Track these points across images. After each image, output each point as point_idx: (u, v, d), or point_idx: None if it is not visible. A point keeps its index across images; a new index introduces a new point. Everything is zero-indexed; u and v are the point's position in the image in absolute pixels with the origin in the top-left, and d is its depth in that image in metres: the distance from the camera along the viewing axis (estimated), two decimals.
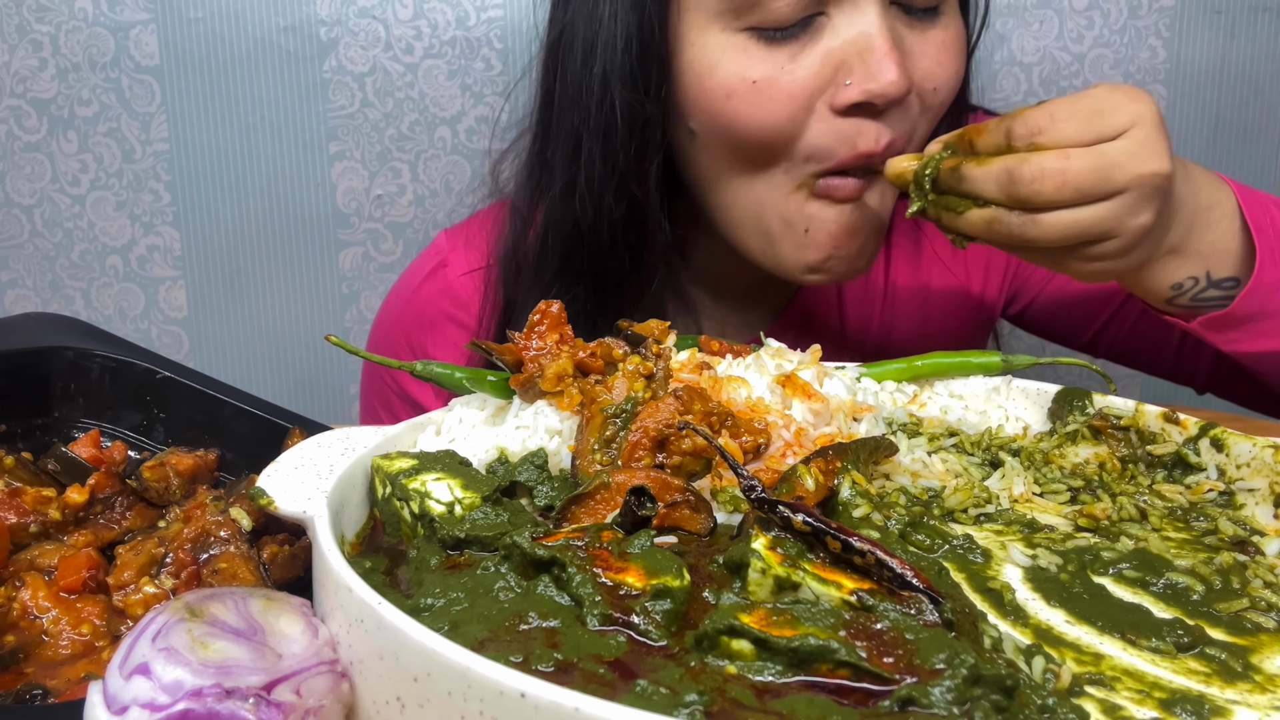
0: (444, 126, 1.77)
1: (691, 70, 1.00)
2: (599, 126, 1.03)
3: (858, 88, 0.95)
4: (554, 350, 0.77)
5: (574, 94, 1.04)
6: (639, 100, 1.01)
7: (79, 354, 0.90)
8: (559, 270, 1.11)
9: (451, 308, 1.23)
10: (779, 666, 0.47)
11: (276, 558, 0.72)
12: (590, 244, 1.08)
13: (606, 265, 1.09)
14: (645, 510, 0.58)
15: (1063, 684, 0.50)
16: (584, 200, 1.06)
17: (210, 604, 0.53)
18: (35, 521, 0.73)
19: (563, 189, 1.08)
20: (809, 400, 0.76)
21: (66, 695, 0.61)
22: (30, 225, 1.78)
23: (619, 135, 1.02)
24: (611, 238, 1.07)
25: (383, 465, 0.68)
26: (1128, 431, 0.80)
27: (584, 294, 1.10)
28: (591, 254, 1.08)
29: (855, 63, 0.95)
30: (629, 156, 1.03)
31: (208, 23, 1.71)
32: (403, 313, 1.27)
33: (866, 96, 0.95)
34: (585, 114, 1.03)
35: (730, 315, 1.25)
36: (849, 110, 0.96)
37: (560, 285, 1.10)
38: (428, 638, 0.46)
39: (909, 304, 1.28)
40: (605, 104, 1.02)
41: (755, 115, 0.97)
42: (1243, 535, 0.67)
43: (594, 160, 1.04)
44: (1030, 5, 1.79)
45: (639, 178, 1.05)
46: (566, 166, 1.07)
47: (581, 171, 1.05)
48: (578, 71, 1.04)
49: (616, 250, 1.07)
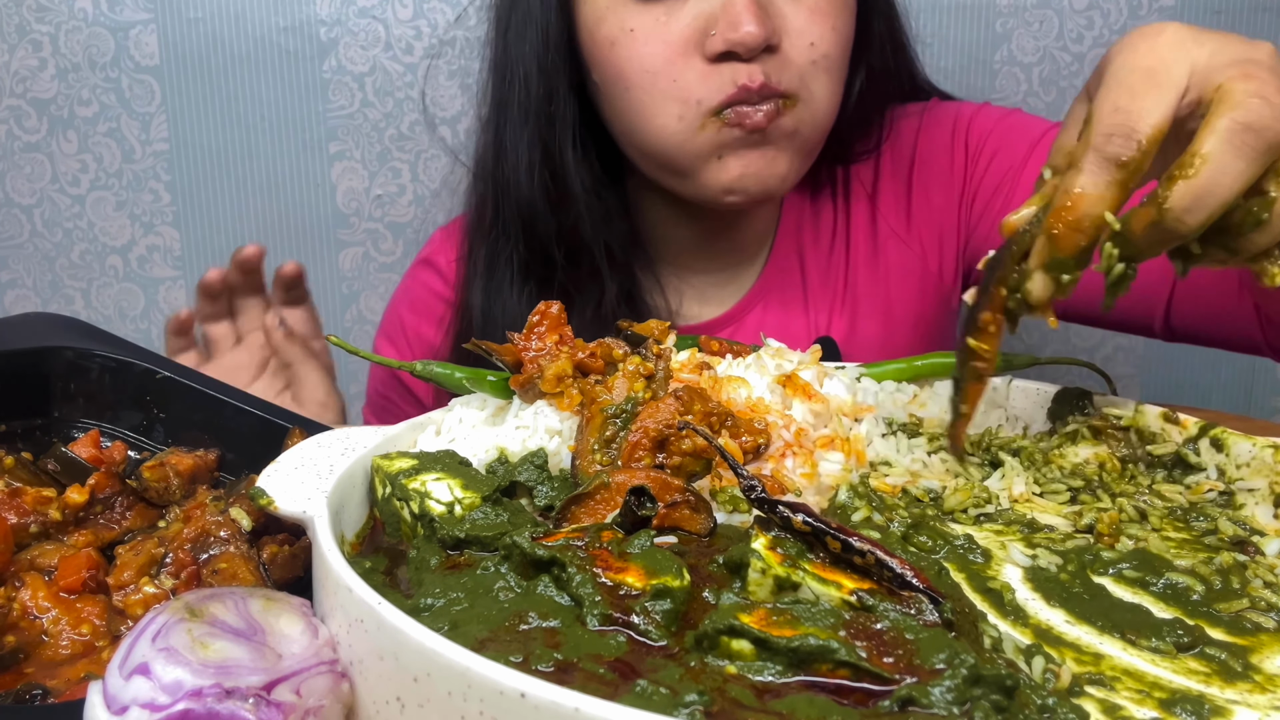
0: (444, 126, 1.77)
1: (584, 26, 1.16)
2: (515, 77, 1.20)
3: (720, 37, 1.07)
4: (553, 351, 0.77)
5: (501, 54, 1.22)
6: (544, 52, 1.17)
7: (79, 354, 0.90)
8: (492, 221, 1.25)
9: (440, 285, 1.36)
10: (779, 666, 0.47)
11: (276, 558, 0.72)
12: (513, 191, 1.22)
13: (530, 211, 1.21)
14: (645, 510, 0.58)
15: (1063, 684, 0.50)
16: (506, 151, 1.22)
17: (210, 604, 0.53)
18: (35, 522, 0.73)
19: (494, 146, 1.24)
20: (809, 400, 0.76)
21: (66, 695, 0.61)
22: (30, 225, 1.78)
23: (531, 86, 1.19)
24: (529, 180, 1.20)
25: (383, 465, 0.68)
26: (1128, 431, 0.80)
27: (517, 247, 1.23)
28: (515, 201, 1.22)
29: (720, 16, 1.08)
30: (539, 102, 1.19)
31: (208, 23, 1.71)
32: (399, 300, 1.42)
33: (728, 45, 1.07)
34: (507, 71, 1.21)
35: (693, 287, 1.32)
36: (720, 58, 1.09)
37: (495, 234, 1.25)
38: (428, 638, 0.46)
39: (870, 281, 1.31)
40: (521, 59, 1.19)
41: (634, 59, 1.11)
42: (1243, 535, 0.67)
43: (513, 111, 1.21)
44: (1030, 5, 1.79)
45: (549, 121, 1.19)
46: (495, 123, 1.24)
47: (508, 124, 1.21)
48: (504, 33, 1.22)
49: (533, 192, 1.21)
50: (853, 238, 1.31)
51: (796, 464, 0.71)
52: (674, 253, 1.31)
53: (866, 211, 1.31)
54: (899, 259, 1.30)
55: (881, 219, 1.31)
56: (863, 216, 1.31)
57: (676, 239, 1.30)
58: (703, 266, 1.31)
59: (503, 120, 1.22)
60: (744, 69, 1.08)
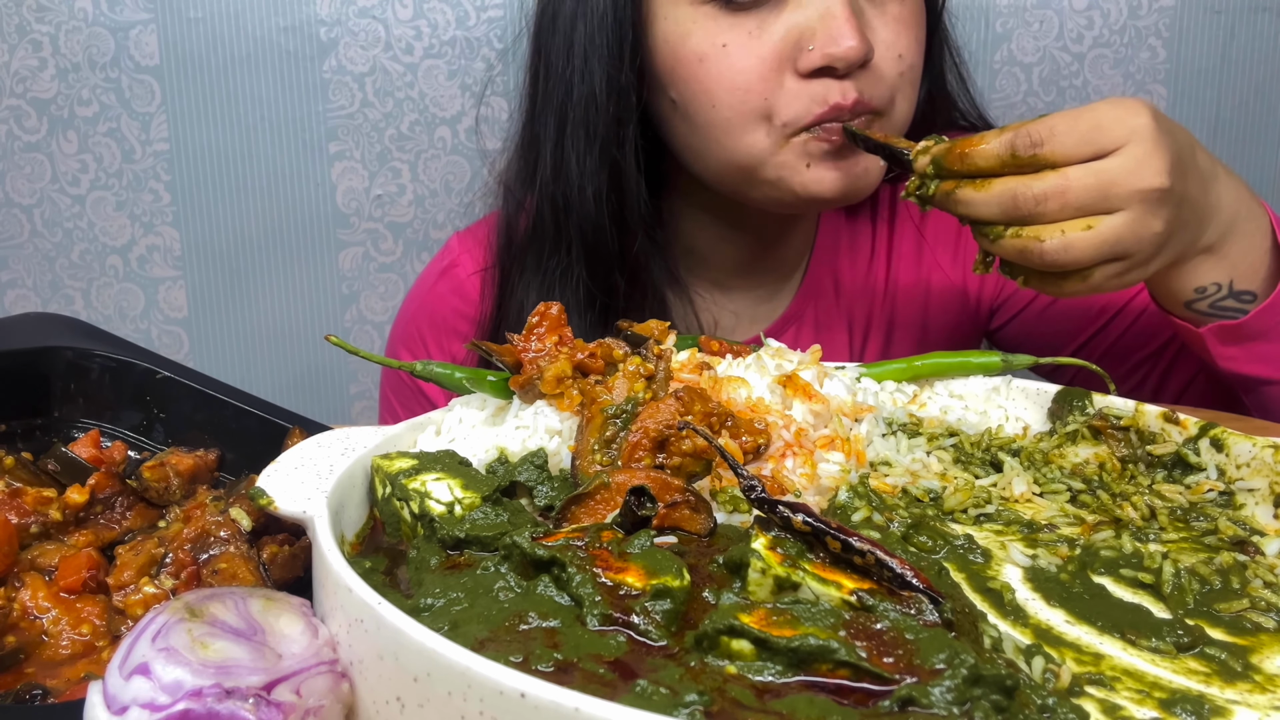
0: (444, 126, 1.77)
1: (666, 41, 1.09)
2: (581, 97, 1.12)
3: (819, 52, 1.02)
4: (552, 353, 0.77)
5: (559, 69, 1.14)
6: (616, 70, 1.11)
7: (79, 354, 0.90)
8: (554, 243, 1.18)
9: (461, 304, 1.30)
10: (779, 666, 0.47)
11: (276, 558, 0.72)
12: (578, 212, 1.15)
13: (595, 234, 1.16)
14: (645, 510, 0.58)
15: (1063, 684, 0.50)
16: (570, 170, 1.15)
17: (210, 604, 0.53)
18: (36, 522, 0.73)
19: (552, 163, 1.16)
20: (809, 401, 0.76)
21: (66, 695, 0.61)
22: (30, 225, 1.78)
23: (599, 104, 1.12)
24: (596, 204, 1.14)
25: (383, 465, 0.68)
26: (1128, 431, 0.80)
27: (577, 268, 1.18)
28: (579, 223, 1.16)
29: (818, 29, 1.03)
30: (609, 124, 1.12)
31: (208, 23, 1.71)
32: (418, 311, 1.35)
33: (828, 60, 1.02)
34: (568, 86, 1.13)
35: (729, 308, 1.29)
36: (814, 74, 1.04)
37: (554, 259, 1.18)
38: (428, 638, 0.46)
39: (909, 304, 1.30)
40: (586, 76, 1.12)
41: (727, 75, 1.06)
42: (1243, 535, 0.67)
43: (578, 130, 1.14)
44: (1030, 5, 1.79)
45: (618, 143, 1.13)
46: (554, 140, 1.16)
47: (568, 141, 1.14)
48: (561, 48, 1.14)
49: (601, 216, 1.15)
50: (895, 264, 1.29)
51: (796, 464, 0.71)
52: (713, 272, 1.29)
53: (913, 240, 1.30)
54: (940, 288, 1.29)
55: (928, 251, 1.29)
56: (909, 245, 1.30)
57: (718, 258, 1.27)
58: (740, 284, 1.29)
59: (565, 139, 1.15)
60: (837, 86, 1.04)
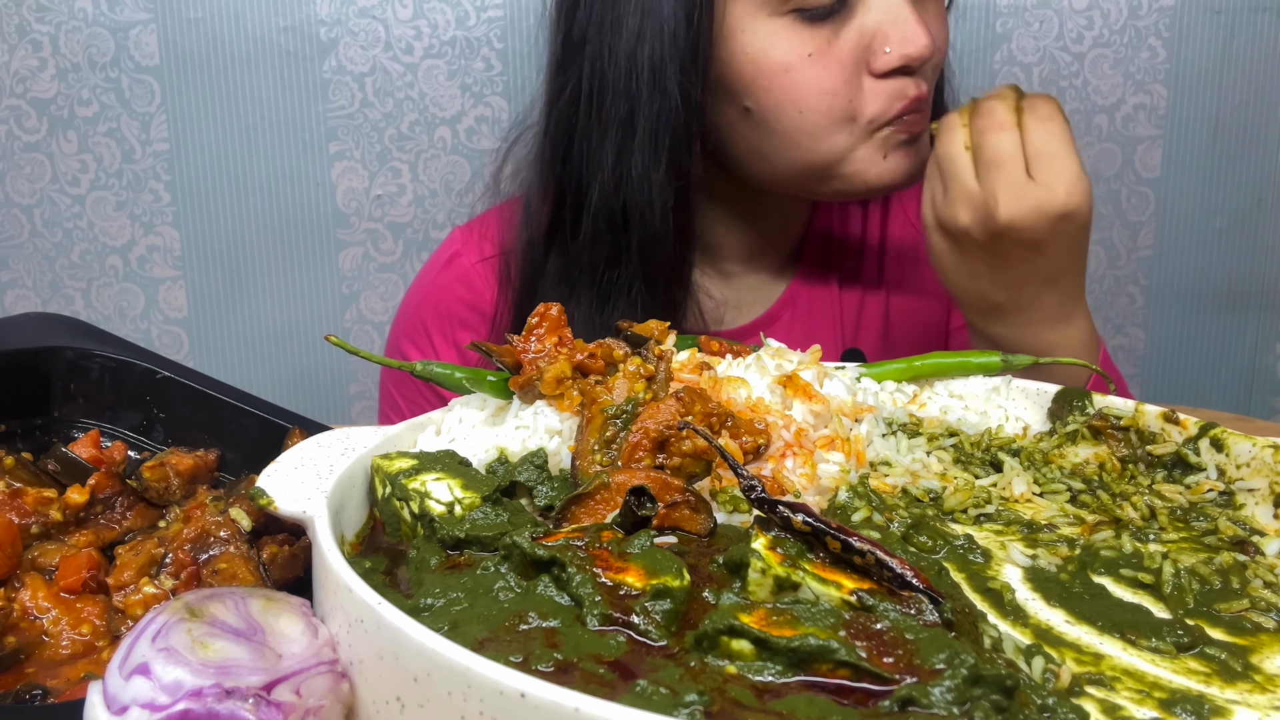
0: (444, 126, 1.77)
1: (746, 54, 1.12)
2: (651, 113, 1.13)
3: (897, 53, 1.09)
4: (552, 353, 0.77)
5: (621, 85, 1.14)
6: (690, 85, 1.12)
7: (79, 354, 0.90)
8: (609, 258, 1.17)
9: (467, 294, 1.30)
10: (779, 666, 0.47)
11: (276, 558, 0.72)
12: (644, 226, 1.15)
13: (657, 247, 1.16)
14: (645, 510, 0.58)
15: (1063, 684, 0.50)
16: (633, 184, 1.15)
17: (210, 604, 0.53)
18: (36, 522, 0.73)
19: (612, 177, 1.16)
20: (809, 401, 0.76)
21: (66, 695, 0.61)
22: (30, 225, 1.78)
23: (669, 119, 1.13)
24: (663, 216, 1.15)
25: (383, 465, 0.68)
26: (1128, 431, 0.80)
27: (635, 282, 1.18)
28: (642, 236, 1.16)
29: (891, 32, 1.09)
30: (677, 138, 1.13)
31: (208, 23, 1.71)
32: (422, 303, 1.34)
33: (905, 61, 1.09)
34: (634, 101, 1.13)
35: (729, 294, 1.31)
36: (889, 74, 1.11)
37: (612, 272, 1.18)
38: (428, 638, 0.46)
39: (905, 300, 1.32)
40: (655, 92, 1.12)
41: (814, 83, 1.10)
42: (1243, 535, 0.67)
43: (645, 145, 1.14)
44: (1030, 5, 1.79)
45: (690, 156, 1.15)
46: (614, 155, 1.15)
47: (635, 155, 1.14)
48: (623, 64, 1.13)
49: (666, 228, 1.16)
50: (889, 254, 1.32)
51: (796, 464, 0.71)
52: (716, 260, 1.30)
53: (911, 237, 1.32)
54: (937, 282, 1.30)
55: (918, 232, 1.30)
56: (906, 238, 1.32)
57: (726, 245, 1.30)
58: (740, 270, 1.31)
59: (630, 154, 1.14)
60: (910, 82, 1.11)
